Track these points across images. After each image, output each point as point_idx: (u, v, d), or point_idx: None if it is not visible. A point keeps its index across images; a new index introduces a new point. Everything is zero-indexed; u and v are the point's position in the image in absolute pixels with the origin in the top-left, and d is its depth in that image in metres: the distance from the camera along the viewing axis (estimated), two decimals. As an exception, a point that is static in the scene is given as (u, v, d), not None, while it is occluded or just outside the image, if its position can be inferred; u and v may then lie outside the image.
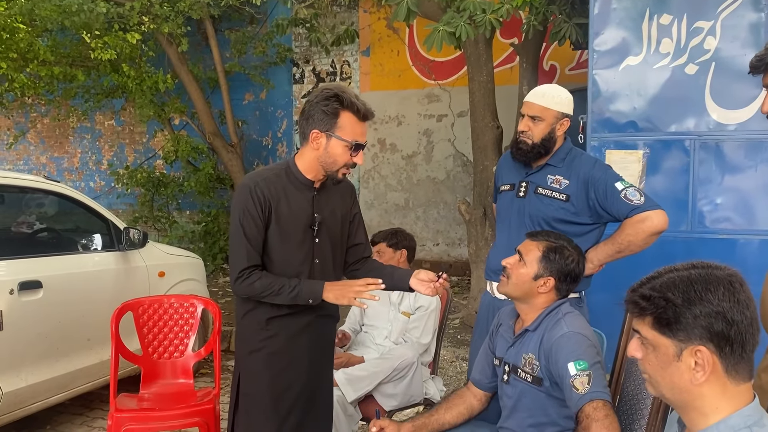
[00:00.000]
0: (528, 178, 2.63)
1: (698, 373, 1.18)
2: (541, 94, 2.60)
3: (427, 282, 2.29)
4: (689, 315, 1.18)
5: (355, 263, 2.47)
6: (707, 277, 1.20)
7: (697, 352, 1.18)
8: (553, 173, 2.58)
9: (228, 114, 8.39)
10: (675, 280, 1.22)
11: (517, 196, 2.63)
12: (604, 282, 3.64)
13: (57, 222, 4.34)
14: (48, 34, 7.70)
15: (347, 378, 3.11)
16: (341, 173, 2.23)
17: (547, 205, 2.55)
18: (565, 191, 2.54)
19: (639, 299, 1.25)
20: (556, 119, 2.55)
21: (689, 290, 1.19)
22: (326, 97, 2.14)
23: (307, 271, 2.25)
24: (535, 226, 2.54)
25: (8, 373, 3.24)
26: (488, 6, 4.56)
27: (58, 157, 10.65)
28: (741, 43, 3.67)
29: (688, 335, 1.18)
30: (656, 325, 1.22)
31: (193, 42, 8.19)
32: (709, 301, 1.17)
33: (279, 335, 2.27)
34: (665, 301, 1.20)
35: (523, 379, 2.09)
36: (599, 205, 2.49)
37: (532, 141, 2.55)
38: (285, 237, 2.22)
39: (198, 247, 8.47)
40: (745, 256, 3.66)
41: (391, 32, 8.32)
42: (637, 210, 2.41)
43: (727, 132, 3.71)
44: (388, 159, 8.53)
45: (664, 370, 1.23)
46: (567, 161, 2.60)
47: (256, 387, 2.28)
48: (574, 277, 2.15)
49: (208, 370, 4.73)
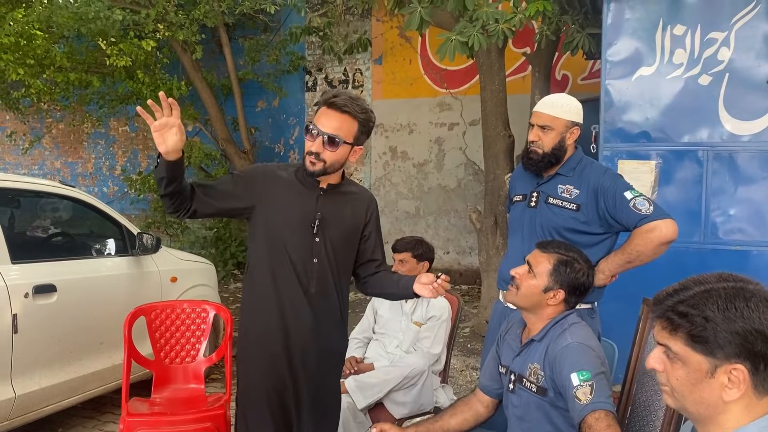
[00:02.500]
0: (539, 188, 2.63)
1: (731, 390, 1.14)
2: (550, 103, 2.60)
3: (428, 284, 2.31)
4: (728, 333, 1.13)
5: (366, 277, 2.48)
6: (743, 292, 1.16)
7: (732, 371, 1.13)
8: (563, 183, 2.58)
9: (241, 121, 8.46)
10: (709, 295, 1.17)
11: (529, 206, 2.63)
12: (617, 292, 3.63)
13: (71, 226, 4.39)
14: (64, 41, 7.81)
15: (357, 385, 3.11)
16: (308, 162, 2.22)
17: (558, 214, 2.55)
18: (575, 201, 2.53)
19: (674, 315, 1.20)
20: (566, 128, 2.55)
21: (729, 307, 1.14)
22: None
23: (307, 268, 2.26)
24: (546, 236, 2.53)
25: (22, 376, 3.27)
26: (501, 15, 4.58)
27: (73, 162, 10.76)
28: (755, 54, 3.66)
29: (725, 354, 1.14)
30: (690, 341, 1.17)
31: (208, 49, 8.27)
32: (750, 319, 1.13)
33: (277, 339, 2.27)
34: (705, 319, 1.15)
35: (528, 389, 2.09)
36: (609, 214, 2.48)
37: (542, 150, 2.55)
38: (285, 221, 2.25)
39: (209, 253, 8.52)
40: (758, 267, 3.64)
41: (403, 41, 8.36)
42: (646, 219, 2.39)
43: (741, 143, 3.69)
44: (400, 167, 8.55)
45: (694, 386, 1.18)
46: (578, 170, 2.59)
47: (251, 382, 2.31)
48: (583, 290, 2.14)
49: (218, 375, 4.75)
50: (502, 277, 2.70)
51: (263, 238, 2.27)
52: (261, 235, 2.27)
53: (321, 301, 2.31)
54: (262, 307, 2.28)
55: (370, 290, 2.50)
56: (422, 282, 2.31)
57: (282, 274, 2.25)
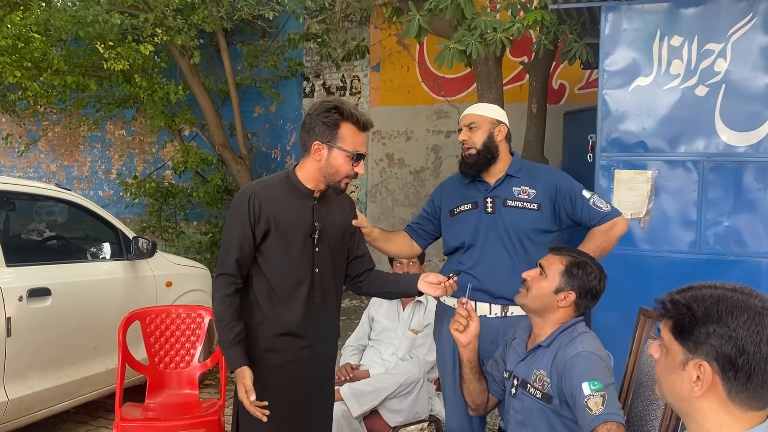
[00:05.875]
0: (492, 193, 2.65)
1: (696, 386, 1.20)
2: (473, 107, 2.75)
3: (436, 284, 2.31)
4: (702, 330, 1.20)
5: (358, 276, 2.47)
6: (738, 302, 1.20)
7: (700, 366, 1.20)
8: (517, 184, 2.63)
9: (238, 126, 8.45)
10: (707, 295, 1.24)
11: (486, 213, 2.63)
12: (612, 302, 3.64)
13: (67, 230, 4.37)
14: (62, 44, 7.80)
15: (352, 392, 3.10)
16: (344, 183, 2.25)
17: (521, 217, 2.59)
18: (534, 201, 2.60)
19: (668, 301, 1.28)
20: (492, 125, 2.65)
21: (712, 308, 1.21)
22: (327, 109, 2.19)
23: (308, 279, 2.25)
24: (513, 240, 2.58)
25: (15, 380, 3.25)
26: (499, 24, 4.60)
27: (68, 166, 10.74)
28: (751, 65, 3.68)
29: (696, 348, 1.20)
30: (673, 329, 1.26)
31: (205, 54, 8.27)
32: (726, 324, 1.18)
33: (283, 351, 2.26)
34: (687, 309, 1.23)
35: (532, 395, 2.08)
36: (566, 213, 2.60)
37: (475, 148, 2.63)
38: (286, 245, 2.23)
39: (205, 258, 8.49)
40: (753, 278, 3.64)
41: (401, 48, 8.38)
42: (608, 217, 2.58)
43: (737, 154, 3.71)
44: (396, 174, 8.56)
45: (668, 375, 1.26)
46: (524, 171, 2.68)
47: None
48: (594, 294, 2.13)
49: (212, 381, 4.73)
50: (488, 291, 2.61)
51: (269, 253, 2.24)
52: (267, 250, 2.24)
53: (324, 309, 2.32)
54: (270, 319, 2.25)
55: (366, 289, 2.49)
56: (429, 281, 2.32)
57: (288, 286, 2.24)
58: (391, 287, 2.47)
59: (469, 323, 2.17)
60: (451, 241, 2.74)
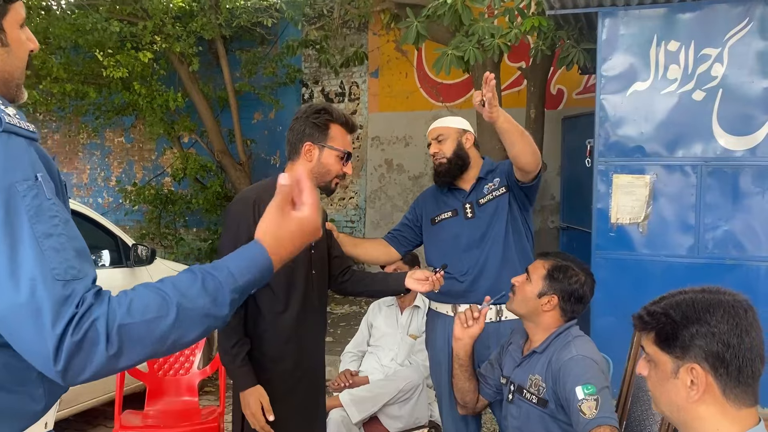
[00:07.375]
0: (468, 198, 2.72)
1: (692, 391, 1.21)
2: (438, 121, 2.85)
3: (424, 279, 2.32)
4: (686, 333, 1.21)
5: (341, 275, 2.47)
6: (711, 300, 1.23)
7: (692, 370, 1.20)
8: (487, 182, 2.73)
9: (237, 133, 8.46)
10: (681, 300, 1.26)
11: (467, 218, 2.70)
12: (611, 306, 3.64)
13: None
14: (61, 52, 7.81)
15: (352, 399, 3.10)
16: (334, 183, 2.27)
17: (494, 208, 2.66)
18: (500, 186, 2.69)
19: (644, 314, 1.29)
20: (459, 134, 2.75)
21: (689, 310, 1.23)
22: (316, 111, 2.24)
23: (306, 282, 2.25)
24: (496, 238, 2.63)
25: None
26: (497, 30, 4.61)
27: (68, 173, 10.74)
28: (748, 70, 3.69)
29: (684, 353, 1.22)
30: (657, 340, 1.26)
31: (204, 61, 8.29)
32: (706, 322, 1.20)
33: (288, 358, 2.26)
34: (666, 317, 1.24)
35: (528, 400, 2.08)
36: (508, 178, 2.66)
37: (446, 158, 2.72)
38: None
39: (204, 265, 8.49)
40: (751, 282, 3.65)
41: (399, 54, 8.41)
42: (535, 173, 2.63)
43: (734, 158, 3.72)
44: (395, 179, 8.57)
45: (662, 386, 1.26)
46: (493, 170, 2.77)
47: None
48: (578, 298, 2.14)
49: (212, 388, 4.72)
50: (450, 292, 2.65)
51: None
52: None
53: (320, 313, 2.34)
54: (274, 326, 2.23)
55: (351, 289, 2.49)
56: (416, 277, 2.34)
57: (289, 290, 2.24)
58: (379, 285, 2.48)
59: (474, 325, 2.21)
60: (433, 259, 2.77)
